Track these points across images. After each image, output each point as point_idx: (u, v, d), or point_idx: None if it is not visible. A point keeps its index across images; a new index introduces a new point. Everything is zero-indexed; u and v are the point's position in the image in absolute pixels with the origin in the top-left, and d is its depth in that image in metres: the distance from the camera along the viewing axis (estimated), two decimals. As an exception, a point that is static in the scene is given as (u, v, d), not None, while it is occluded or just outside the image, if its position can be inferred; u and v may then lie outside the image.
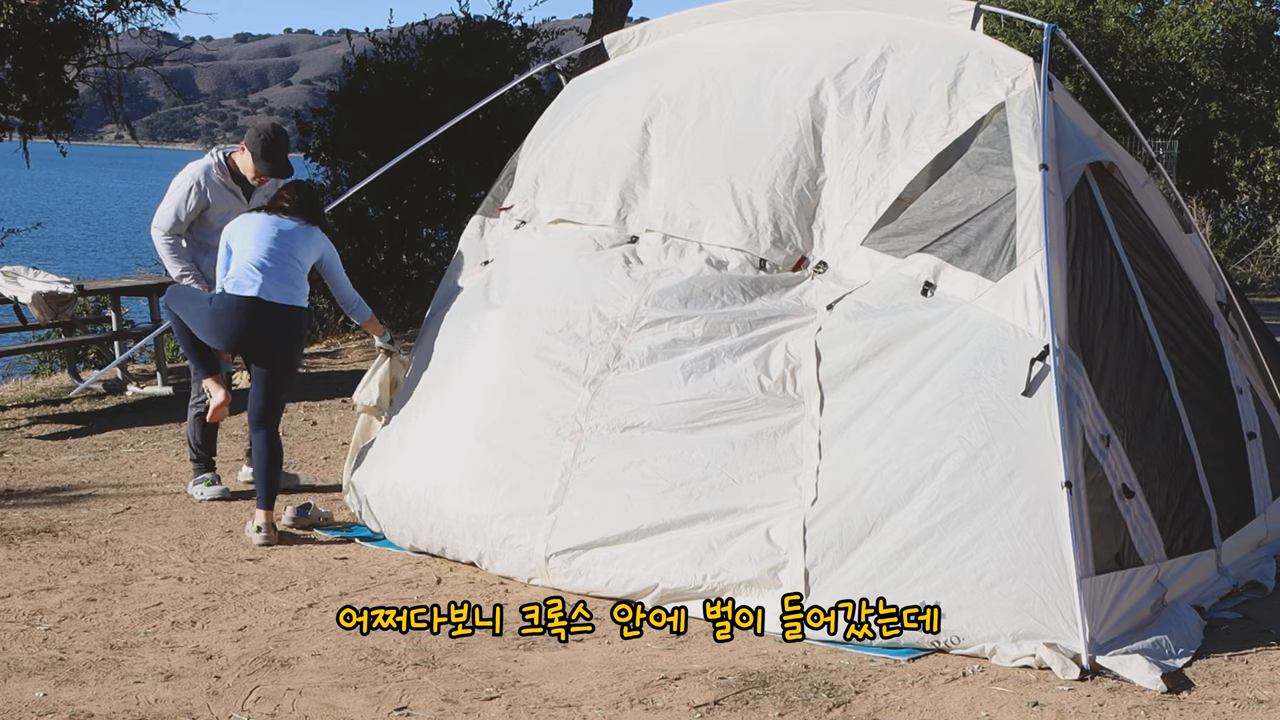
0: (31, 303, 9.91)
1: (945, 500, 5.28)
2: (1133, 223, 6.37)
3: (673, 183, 6.39)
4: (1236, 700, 4.84)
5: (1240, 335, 6.94)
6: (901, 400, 5.50)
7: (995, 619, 5.10)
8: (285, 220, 6.60)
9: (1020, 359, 5.37)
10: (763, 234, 6.12)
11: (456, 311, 6.67)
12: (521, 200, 6.87)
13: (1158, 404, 5.93)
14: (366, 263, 13.75)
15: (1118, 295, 5.97)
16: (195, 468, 7.32)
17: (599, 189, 6.55)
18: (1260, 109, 20.43)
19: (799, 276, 6.08)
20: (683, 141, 6.47)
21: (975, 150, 5.90)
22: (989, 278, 5.59)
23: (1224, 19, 20.48)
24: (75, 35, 12.71)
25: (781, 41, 6.69)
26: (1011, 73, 6.03)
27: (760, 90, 6.43)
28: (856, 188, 6.05)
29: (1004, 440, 5.30)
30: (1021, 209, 5.64)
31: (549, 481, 5.87)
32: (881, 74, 6.25)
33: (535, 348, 6.18)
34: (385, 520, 6.39)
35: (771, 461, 5.64)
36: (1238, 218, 21.49)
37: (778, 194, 6.15)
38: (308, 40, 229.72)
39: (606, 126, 6.75)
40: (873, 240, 5.96)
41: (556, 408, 5.99)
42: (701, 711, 4.66)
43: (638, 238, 6.37)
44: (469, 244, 7.02)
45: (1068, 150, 5.96)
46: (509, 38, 14.47)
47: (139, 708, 4.58)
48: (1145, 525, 5.52)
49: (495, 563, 5.97)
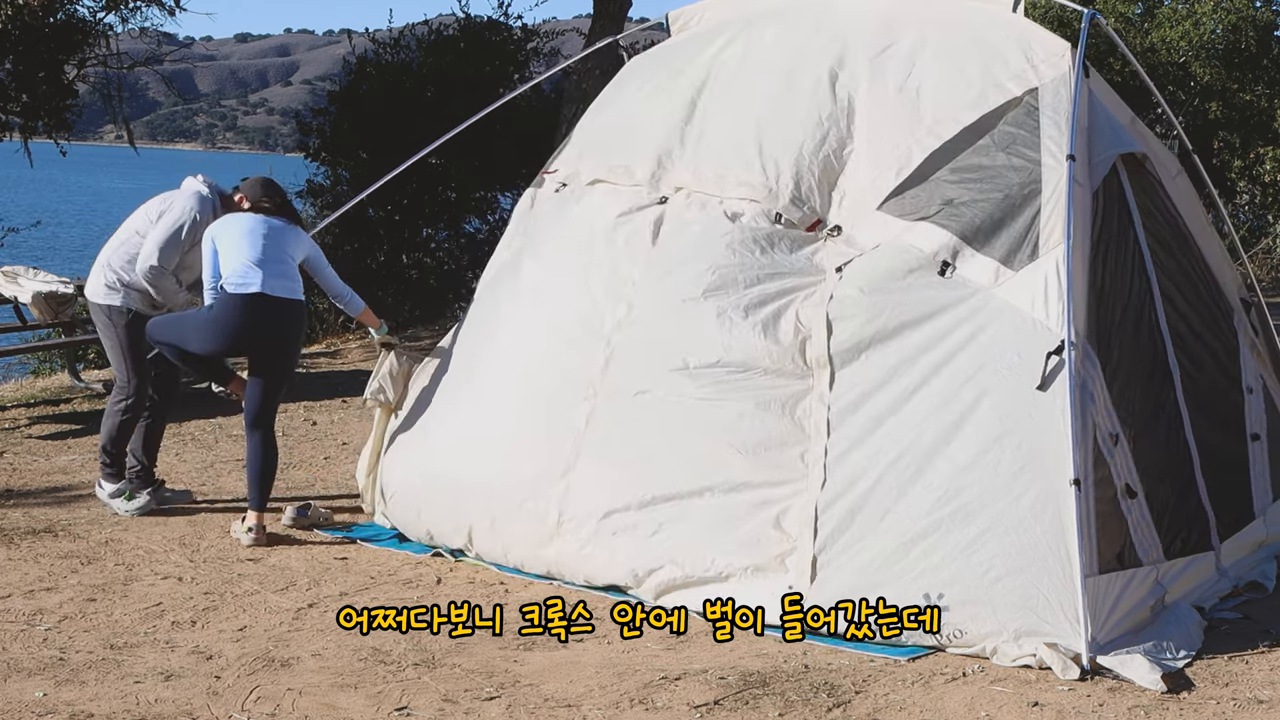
0: (31, 303, 9.93)
1: (955, 492, 5.28)
2: (1160, 216, 6.35)
3: (707, 146, 6.40)
4: (1236, 700, 4.84)
5: (1261, 333, 6.93)
6: (915, 386, 5.49)
7: (998, 614, 5.10)
8: (271, 219, 6.62)
9: (1037, 352, 5.36)
10: (783, 190, 6.08)
11: (490, 287, 6.73)
12: (566, 164, 6.90)
13: (1162, 404, 5.93)
14: (366, 263, 13.75)
15: (1136, 291, 5.95)
16: (110, 474, 7.01)
17: (639, 153, 6.56)
18: (1260, 109, 20.43)
19: (813, 236, 6.03)
20: (724, 110, 6.48)
21: (1003, 128, 5.85)
22: (1010, 266, 5.57)
23: (1224, 19, 20.48)
24: (75, 35, 12.70)
25: (826, 19, 6.66)
26: (1047, 57, 5.99)
27: (800, 63, 6.43)
28: (879, 155, 6.01)
29: (1016, 434, 5.30)
30: (1047, 199, 5.61)
31: (562, 446, 5.92)
32: (920, 53, 6.22)
33: (557, 314, 6.24)
34: (407, 513, 6.42)
35: (779, 435, 5.64)
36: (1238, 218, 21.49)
37: (803, 156, 6.12)
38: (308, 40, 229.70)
39: (655, 98, 6.78)
40: (889, 206, 5.90)
41: (574, 370, 6.04)
42: (701, 711, 4.66)
43: (667, 198, 6.35)
44: (518, 218, 7.00)
45: (1100, 139, 5.94)
46: (509, 38, 14.48)
47: (139, 708, 4.58)
48: (1145, 526, 5.51)
49: (509, 527, 5.99)
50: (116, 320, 6.91)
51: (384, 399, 6.74)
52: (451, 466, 6.26)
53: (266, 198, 6.69)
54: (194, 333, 6.56)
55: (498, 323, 6.50)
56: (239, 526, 6.52)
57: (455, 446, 6.30)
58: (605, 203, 6.47)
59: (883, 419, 5.50)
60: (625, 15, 14.35)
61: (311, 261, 6.73)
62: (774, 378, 5.73)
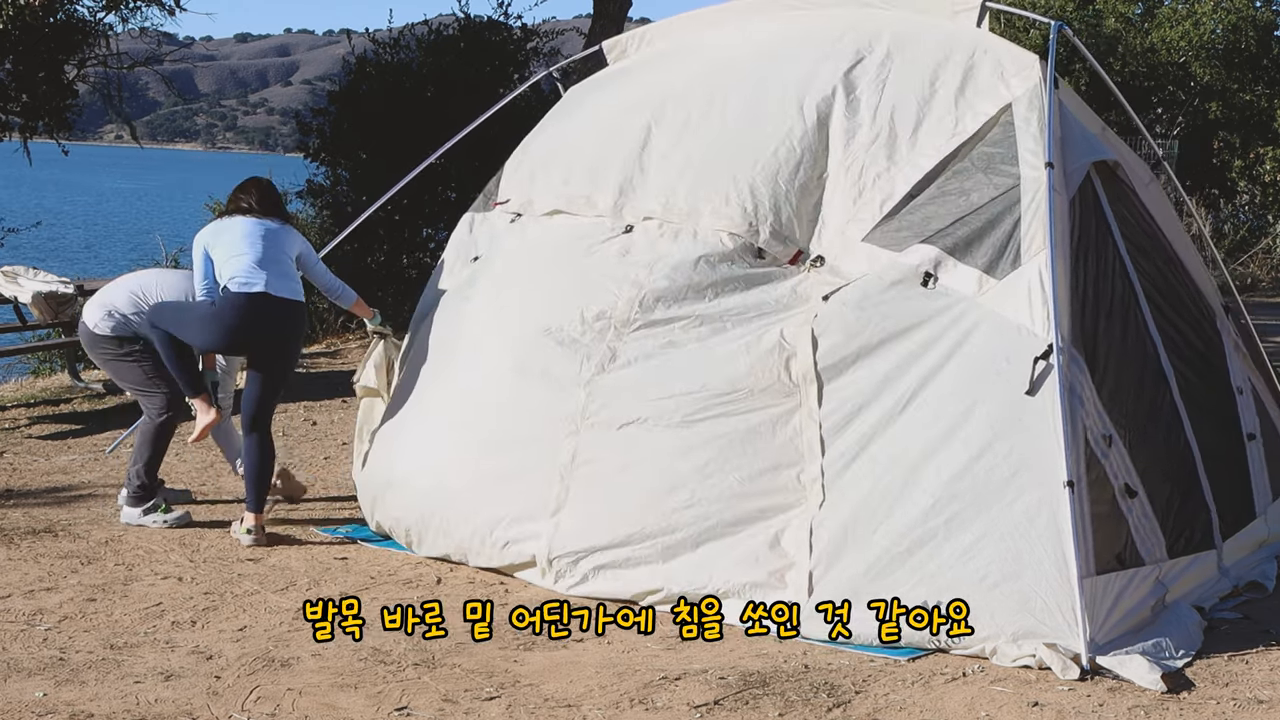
0: (31, 303, 9.92)
1: (948, 501, 5.28)
2: (1136, 222, 6.37)
3: (673, 172, 6.32)
4: (1236, 700, 4.84)
5: (1244, 334, 6.95)
6: (905, 398, 5.49)
7: (996, 619, 5.10)
8: (265, 220, 6.61)
9: (1024, 358, 5.37)
10: (762, 223, 6.04)
11: (446, 310, 6.63)
12: (517, 193, 6.84)
13: (1159, 405, 5.93)
14: (366, 263, 13.75)
15: (1120, 296, 5.96)
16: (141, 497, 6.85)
17: (597, 181, 6.49)
18: (1260, 109, 20.45)
19: (795, 269, 6.00)
20: (686, 136, 6.42)
21: (981, 151, 5.87)
22: (992, 274, 5.57)
23: (1224, 19, 20.50)
24: (75, 35, 12.70)
25: (787, 39, 6.66)
26: (1018, 71, 6.00)
27: (766, 86, 6.41)
28: (861, 186, 6.00)
29: (1007, 440, 5.30)
30: (1026, 206, 5.62)
31: (549, 484, 5.86)
32: (888, 73, 6.21)
33: (529, 348, 6.14)
34: (395, 529, 6.39)
35: (771, 457, 5.62)
36: (1238, 218, 21.51)
37: (780, 186, 6.09)
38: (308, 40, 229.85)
39: (608, 124, 6.72)
40: (874, 237, 5.89)
41: (554, 408, 5.96)
42: (701, 711, 4.66)
43: (633, 227, 6.28)
44: (458, 242, 6.96)
45: (1073, 149, 5.95)
46: (509, 38, 14.47)
47: (139, 708, 4.58)
48: (1148, 525, 5.52)
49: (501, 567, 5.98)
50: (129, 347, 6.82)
51: (371, 386, 6.78)
52: (431, 504, 6.15)
53: (253, 198, 6.68)
54: (195, 325, 6.53)
55: (457, 355, 6.39)
56: (238, 527, 6.51)
57: (432, 480, 6.18)
58: (568, 235, 6.40)
59: (874, 432, 5.49)
60: (625, 15, 14.36)
61: (303, 257, 6.72)
62: (761, 398, 5.69)
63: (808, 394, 5.65)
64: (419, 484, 6.21)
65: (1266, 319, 14.93)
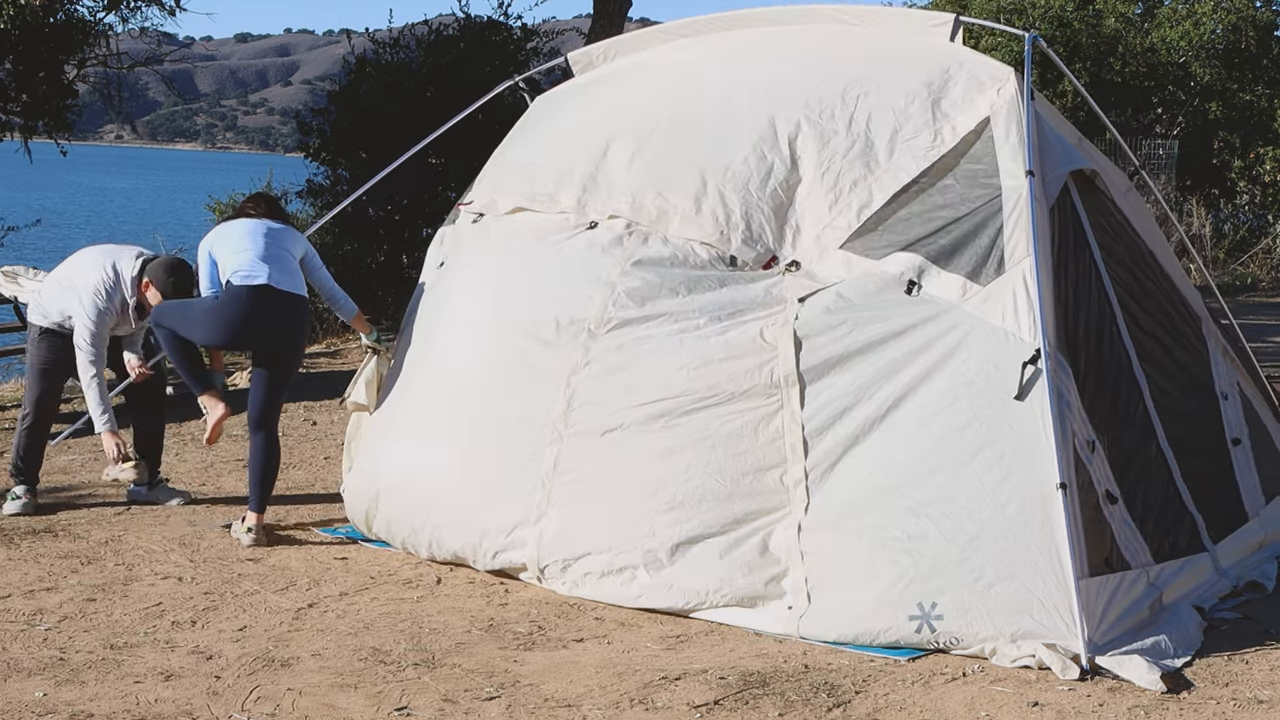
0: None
1: (942, 503, 5.29)
2: (1113, 231, 6.38)
3: (642, 175, 6.27)
4: (1236, 700, 4.84)
5: (1229, 337, 6.95)
6: (893, 402, 5.48)
7: (994, 620, 5.10)
8: (268, 221, 6.64)
9: (1012, 363, 5.37)
10: (734, 231, 5.98)
11: (421, 322, 6.58)
12: (480, 196, 6.80)
13: (1132, 414, 5.94)
14: (366, 263, 13.76)
15: (1095, 305, 5.98)
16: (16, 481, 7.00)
17: (562, 180, 6.43)
18: (1260, 109, 20.45)
19: (769, 274, 5.95)
20: (655, 140, 6.37)
21: (963, 166, 5.87)
22: (976, 281, 5.57)
23: (1224, 19, 20.51)
24: (75, 35, 12.69)
25: (758, 52, 6.67)
26: (994, 84, 6.03)
27: (736, 95, 6.38)
28: (837, 193, 5.96)
29: (998, 444, 5.31)
30: (1009, 214, 5.63)
31: (532, 492, 5.84)
32: (864, 86, 6.19)
33: (504, 356, 6.10)
34: (391, 541, 6.39)
35: (754, 460, 5.59)
36: (1238, 218, 21.52)
37: (751, 192, 6.04)
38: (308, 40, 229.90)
39: (575, 129, 6.68)
40: (852, 245, 5.85)
41: (532, 416, 5.92)
42: (701, 711, 4.66)
43: (597, 223, 6.22)
44: (429, 256, 6.94)
45: (1050, 158, 5.98)
46: (509, 38, 14.48)
47: (139, 708, 4.59)
48: (1129, 530, 5.54)
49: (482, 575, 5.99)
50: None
51: (361, 402, 6.76)
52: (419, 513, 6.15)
53: (252, 204, 6.78)
54: (198, 321, 6.53)
55: (433, 366, 6.36)
56: (239, 526, 6.51)
57: (418, 487, 6.17)
58: (530, 232, 6.36)
59: (859, 436, 5.48)
60: (625, 15, 14.36)
61: (308, 261, 6.73)
62: (741, 400, 5.66)
63: (790, 396, 5.63)
64: (405, 499, 6.21)
65: (1267, 319, 14.94)
